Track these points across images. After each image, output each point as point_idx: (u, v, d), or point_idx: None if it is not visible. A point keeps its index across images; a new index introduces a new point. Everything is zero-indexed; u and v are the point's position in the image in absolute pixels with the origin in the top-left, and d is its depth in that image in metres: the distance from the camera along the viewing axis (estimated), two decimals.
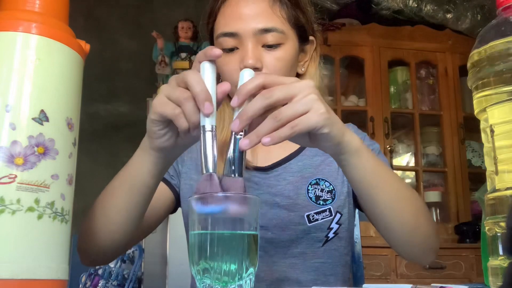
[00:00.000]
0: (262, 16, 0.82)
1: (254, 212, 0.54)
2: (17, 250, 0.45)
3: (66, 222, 0.51)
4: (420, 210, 0.75)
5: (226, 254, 0.52)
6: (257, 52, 0.81)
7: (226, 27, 0.83)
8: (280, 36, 0.83)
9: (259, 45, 0.82)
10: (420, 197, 0.78)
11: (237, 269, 0.51)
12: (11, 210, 0.45)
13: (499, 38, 0.54)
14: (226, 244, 0.52)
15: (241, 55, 0.82)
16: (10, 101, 0.47)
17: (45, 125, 0.48)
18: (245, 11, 0.83)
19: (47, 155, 0.48)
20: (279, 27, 0.83)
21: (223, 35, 0.83)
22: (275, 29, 0.82)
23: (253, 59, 0.80)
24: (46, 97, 0.49)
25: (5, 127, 0.46)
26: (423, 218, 0.74)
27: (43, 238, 0.47)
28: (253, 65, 0.80)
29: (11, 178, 0.46)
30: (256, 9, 0.83)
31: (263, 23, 0.82)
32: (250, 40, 0.81)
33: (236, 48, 0.83)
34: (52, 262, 0.48)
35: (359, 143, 0.64)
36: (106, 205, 0.74)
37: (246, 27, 0.81)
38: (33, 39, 0.49)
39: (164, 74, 2.79)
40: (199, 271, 0.53)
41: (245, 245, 0.52)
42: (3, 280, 0.44)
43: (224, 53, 0.84)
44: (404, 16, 2.88)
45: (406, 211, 0.72)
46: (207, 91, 0.57)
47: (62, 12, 0.54)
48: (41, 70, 0.49)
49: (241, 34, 0.82)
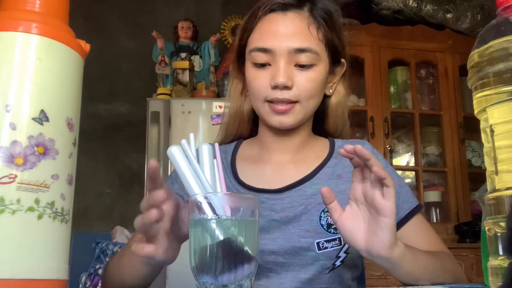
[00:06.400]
0: (298, 36, 0.83)
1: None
2: (17, 250, 0.45)
3: (66, 222, 0.51)
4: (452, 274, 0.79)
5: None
6: (289, 71, 0.82)
7: (261, 42, 0.84)
8: (313, 57, 0.83)
9: (291, 64, 0.83)
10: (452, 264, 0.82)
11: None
12: (11, 210, 0.45)
13: (499, 38, 0.54)
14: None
15: (273, 72, 0.82)
16: (10, 101, 0.47)
17: (45, 125, 0.48)
18: (282, 29, 0.83)
19: (47, 155, 0.48)
20: (313, 47, 0.83)
21: (257, 50, 0.84)
22: (310, 50, 0.83)
23: (285, 77, 0.81)
24: (46, 97, 0.49)
25: (5, 127, 0.46)
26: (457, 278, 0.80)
27: (43, 238, 0.47)
28: (284, 84, 0.81)
29: (11, 178, 0.46)
30: (294, 28, 0.83)
31: (298, 42, 0.82)
32: (283, 58, 0.82)
33: (268, 64, 0.84)
34: (52, 262, 0.48)
35: (403, 249, 0.66)
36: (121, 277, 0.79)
37: (281, 45, 0.82)
38: (33, 39, 0.49)
39: (164, 74, 2.79)
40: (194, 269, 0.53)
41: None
42: (3, 280, 0.44)
43: (255, 68, 0.85)
44: (404, 16, 2.87)
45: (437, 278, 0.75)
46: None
47: (62, 12, 0.54)
48: (41, 70, 0.49)
49: (275, 51, 0.82)
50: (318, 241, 0.82)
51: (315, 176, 0.89)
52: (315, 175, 0.89)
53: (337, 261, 0.83)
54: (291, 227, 0.84)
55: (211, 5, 3.24)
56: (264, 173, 0.90)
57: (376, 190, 0.62)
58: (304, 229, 0.83)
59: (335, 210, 0.66)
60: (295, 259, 0.83)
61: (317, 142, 0.95)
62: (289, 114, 0.84)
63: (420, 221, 0.88)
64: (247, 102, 0.95)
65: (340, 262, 0.83)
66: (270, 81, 0.82)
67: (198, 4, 3.23)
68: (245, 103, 0.95)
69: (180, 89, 2.64)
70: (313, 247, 0.82)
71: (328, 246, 0.82)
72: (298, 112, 0.85)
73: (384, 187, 0.61)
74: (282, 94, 0.82)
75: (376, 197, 0.62)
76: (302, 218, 0.84)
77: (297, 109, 0.84)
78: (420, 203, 0.92)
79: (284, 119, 0.85)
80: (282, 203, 0.86)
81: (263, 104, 0.85)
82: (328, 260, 0.83)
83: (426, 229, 0.89)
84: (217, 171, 0.61)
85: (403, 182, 0.93)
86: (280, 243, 0.83)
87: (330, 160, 0.91)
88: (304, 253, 0.82)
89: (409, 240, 0.81)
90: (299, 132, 0.91)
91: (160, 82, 2.78)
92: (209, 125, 2.48)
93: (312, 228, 0.83)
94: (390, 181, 0.60)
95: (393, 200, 0.61)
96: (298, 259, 0.83)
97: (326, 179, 0.88)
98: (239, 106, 0.95)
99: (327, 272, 0.83)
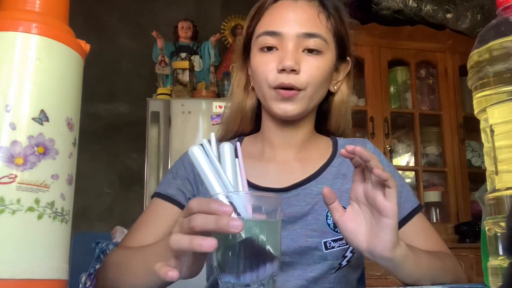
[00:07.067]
0: (308, 22, 0.83)
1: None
2: (17, 250, 0.45)
3: (66, 222, 0.51)
4: (453, 275, 0.79)
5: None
6: (297, 55, 0.82)
7: (270, 26, 0.84)
8: (322, 44, 0.83)
9: (299, 49, 0.82)
10: (452, 264, 0.82)
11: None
12: (11, 210, 0.45)
13: (499, 38, 0.54)
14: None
15: (280, 55, 0.82)
16: (10, 101, 0.47)
17: (45, 125, 0.48)
18: (292, 15, 0.84)
19: (47, 155, 0.48)
20: (323, 34, 0.84)
21: (265, 33, 0.84)
22: (319, 35, 0.83)
23: (292, 60, 0.80)
24: (46, 97, 0.49)
25: (5, 127, 0.46)
26: (458, 278, 0.80)
27: (43, 238, 0.47)
28: (291, 67, 0.80)
29: (11, 178, 0.46)
30: (303, 15, 0.84)
31: (307, 28, 0.83)
32: (291, 42, 0.82)
33: (276, 48, 0.83)
34: (52, 262, 0.48)
35: (406, 250, 0.66)
36: (121, 281, 0.75)
37: (290, 29, 0.82)
38: (33, 39, 0.49)
39: (164, 74, 2.79)
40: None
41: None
42: (3, 280, 0.44)
43: (262, 52, 0.84)
44: (404, 16, 2.88)
45: (438, 278, 0.75)
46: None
47: (62, 12, 0.54)
48: (41, 70, 0.49)
49: (284, 34, 0.82)
50: (325, 240, 0.82)
51: (321, 175, 0.88)
52: (320, 174, 0.88)
53: (343, 260, 0.82)
54: (297, 227, 0.83)
55: (211, 5, 3.24)
56: (269, 171, 0.89)
57: (378, 191, 0.61)
58: (311, 228, 0.83)
59: (336, 210, 0.65)
60: (302, 258, 0.82)
61: (320, 140, 0.95)
62: (294, 102, 0.83)
63: (421, 220, 0.88)
64: (250, 98, 0.93)
65: (346, 262, 0.83)
66: (277, 65, 0.81)
67: (198, 4, 3.23)
68: (248, 99, 0.93)
69: (180, 89, 2.64)
70: (320, 246, 0.81)
71: (335, 245, 0.82)
72: (302, 101, 0.84)
73: (386, 188, 0.61)
74: (288, 79, 0.81)
75: (378, 198, 0.61)
76: (309, 218, 0.83)
77: (301, 97, 0.83)
78: (421, 202, 0.92)
79: (288, 106, 0.83)
80: (288, 202, 0.85)
81: (269, 90, 0.83)
82: (335, 259, 0.82)
83: (427, 228, 0.89)
84: (239, 171, 0.61)
85: (404, 182, 0.93)
86: (287, 243, 0.82)
87: (335, 159, 0.91)
88: (311, 252, 0.82)
89: (410, 240, 0.81)
90: (302, 126, 0.90)
91: (160, 82, 2.78)
92: (209, 125, 2.48)
93: (319, 228, 0.82)
94: (392, 182, 0.60)
95: (395, 201, 0.61)
96: (305, 258, 0.82)
97: (332, 178, 0.88)
98: (241, 101, 0.94)
99: (333, 272, 0.83)
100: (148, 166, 2.49)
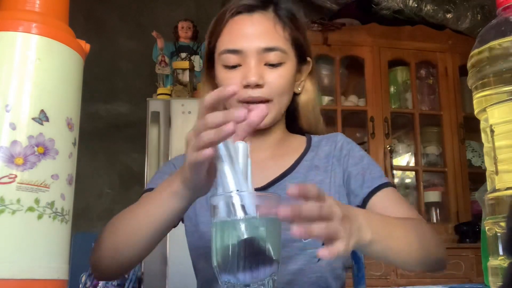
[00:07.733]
0: (265, 35, 0.86)
1: None
2: (17, 250, 0.45)
3: (66, 222, 0.51)
4: (428, 241, 0.77)
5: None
6: (260, 70, 0.85)
7: (230, 44, 0.87)
8: (282, 55, 0.87)
9: (261, 63, 0.86)
10: (423, 226, 0.80)
11: None
12: (11, 210, 0.45)
13: (499, 38, 0.54)
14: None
15: (244, 72, 0.85)
16: (10, 101, 0.47)
17: (45, 125, 0.48)
18: (250, 30, 0.87)
19: (47, 155, 0.48)
20: (281, 46, 0.87)
21: (227, 51, 0.87)
22: (278, 48, 0.86)
23: (256, 76, 0.84)
24: (46, 97, 0.49)
25: (5, 127, 0.46)
26: (432, 247, 0.78)
27: (43, 238, 0.47)
28: (255, 82, 0.83)
29: (11, 178, 0.46)
30: (260, 29, 0.87)
31: (266, 42, 0.86)
32: (253, 58, 0.85)
33: (239, 65, 0.86)
34: (52, 262, 0.48)
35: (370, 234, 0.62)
36: (132, 238, 0.75)
37: (250, 45, 0.85)
38: (33, 39, 0.49)
39: (164, 74, 2.79)
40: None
41: None
42: (3, 280, 0.44)
43: (226, 69, 0.88)
44: (404, 16, 2.88)
45: (415, 250, 0.73)
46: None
47: (62, 12, 0.55)
48: (41, 70, 0.49)
49: (245, 51, 0.85)
50: None
51: (295, 170, 0.91)
52: (294, 169, 0.91)
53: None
54: None
55: (211, 5, 3.23)
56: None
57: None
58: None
59: None
60: (282, 251, 0.83)
61: (294, 139, 0.98)
62: None
63: (393, 192, 0.89)
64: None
65: None
66: (241, 80, 0.84)
67: (198, 4, 3.23)
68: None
69: (180, 89, 2.64)
70: None
71: None
72: (272, 110, 0.87)
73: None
74: (254, 93, 0.85)
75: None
76: None
77: (270, 107, 0.86)
78: (393, 183, 0.93)
79: None
80: None
81: (237, 104, 0.86)
82: (315, 248, 0.83)
83: (398, 198, 0.89)
84: (249, 171, 0.61)
85: (374, 166, 0.93)
86: None
87: (307, 153, 0.94)
88: (290, 244, 0.83)
89: (380, 208, 0.83)
90: (274, 131, 0.94)
91: (160, 82, 2.78)
92: None
93: None
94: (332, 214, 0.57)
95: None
96: (285, 251, 0.83)
97: (305, 171, 0.91)
98: None
99: (317, 261, 0.84)
100: (148, 166, 2.48)
